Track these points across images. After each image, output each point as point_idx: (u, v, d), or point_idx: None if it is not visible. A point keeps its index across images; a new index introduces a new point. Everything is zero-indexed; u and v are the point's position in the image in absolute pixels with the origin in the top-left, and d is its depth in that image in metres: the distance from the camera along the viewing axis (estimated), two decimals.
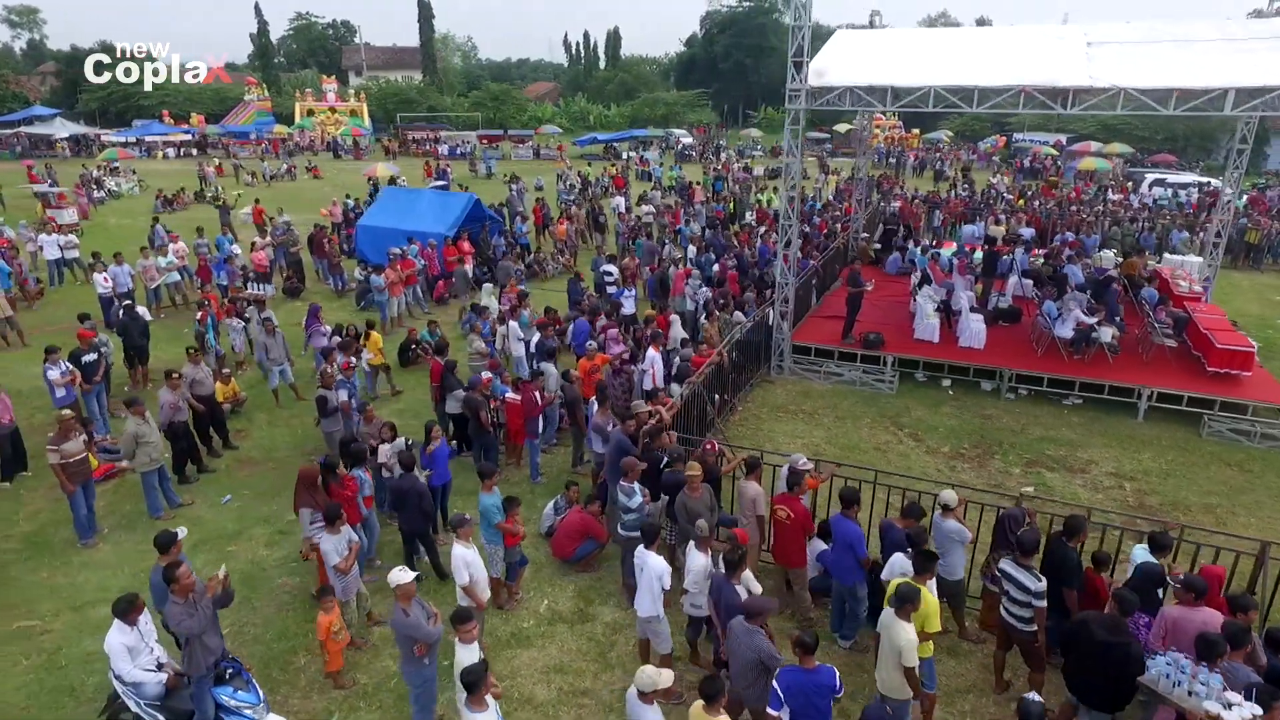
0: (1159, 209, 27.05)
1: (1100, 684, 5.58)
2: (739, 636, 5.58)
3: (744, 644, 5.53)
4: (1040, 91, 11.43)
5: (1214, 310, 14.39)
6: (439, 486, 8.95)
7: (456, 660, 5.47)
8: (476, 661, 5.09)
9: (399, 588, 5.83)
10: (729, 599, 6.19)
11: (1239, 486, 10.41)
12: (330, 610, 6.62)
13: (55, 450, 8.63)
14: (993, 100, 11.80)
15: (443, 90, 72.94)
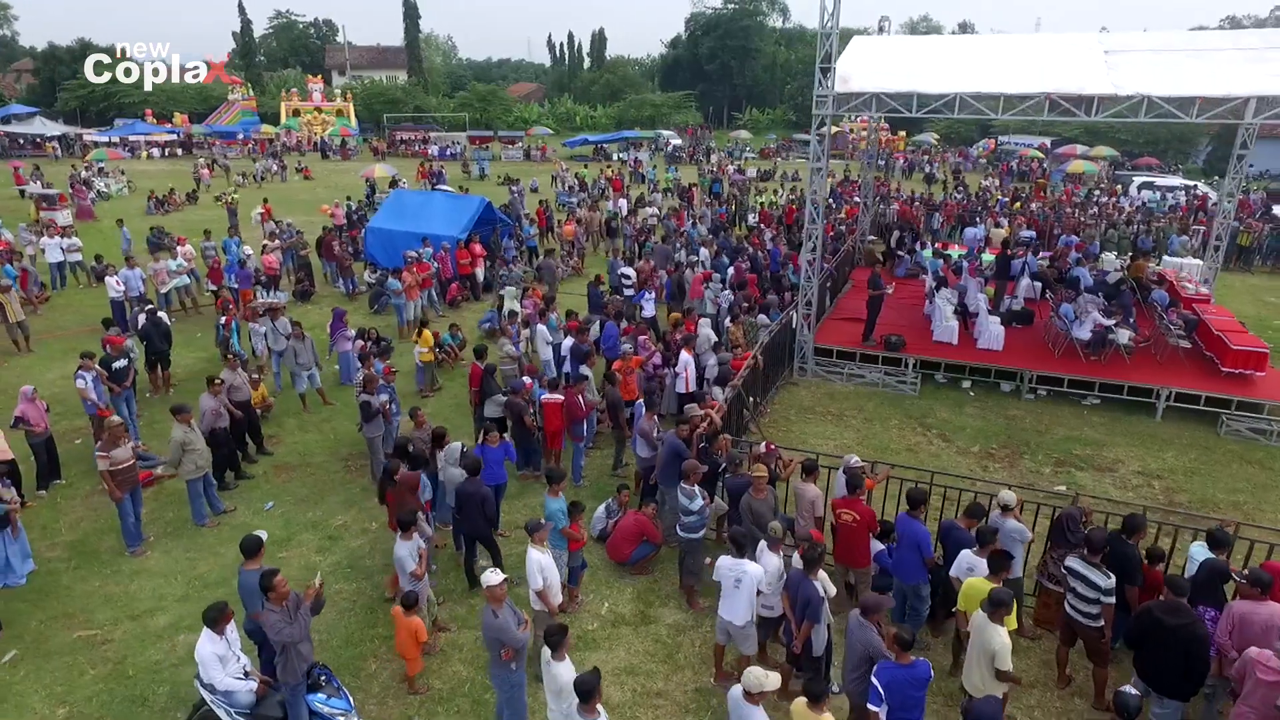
0: (1150, 212, 27.62)
1: (1174, 669, 5.77)
2: (853, 631, 5.71)
3: (856, 637, 5.66)
4: (1065, 98, 11.69)
5: (1223, 312, 14.79)
6: (493, 487, 8.97)
7: (553, 674, 5.47)
8: (590, 671, 5.14)
9: (490, 589, 5.87)
10: (806, 594, 6.30)
11: (1262, 483, 10.73)
12: (414, 614, 6.64)
13: (105, 457, 8.55)
14: (1019, 107, 12.06)
15: (428, 90, 72.48)
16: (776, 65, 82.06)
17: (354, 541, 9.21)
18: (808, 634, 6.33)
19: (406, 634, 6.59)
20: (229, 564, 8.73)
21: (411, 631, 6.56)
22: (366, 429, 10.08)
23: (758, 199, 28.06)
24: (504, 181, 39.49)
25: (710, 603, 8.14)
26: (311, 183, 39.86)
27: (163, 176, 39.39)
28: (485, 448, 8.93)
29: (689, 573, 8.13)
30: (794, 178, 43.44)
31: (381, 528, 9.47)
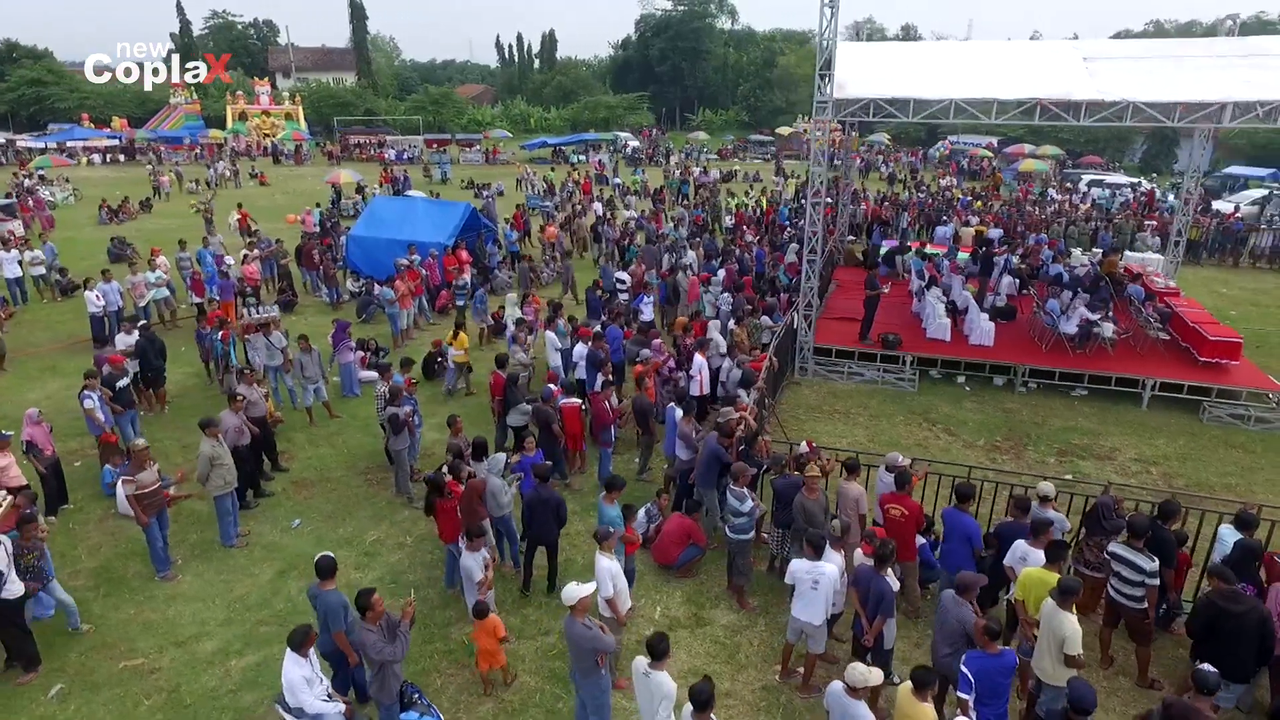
0: (1106, 209, 28.85)
1: (1245, 653, 6.13)
2: (948, 608, 5.95)
3: (952, 614, 5.90)
4: (1056, 104, 12.21)
5: (1193, 304, 15.61)
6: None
7: (655, 683, 5.53)
8: (704, 679, 5.23)
9: (579, 601, 5.91)
10: (880, 589, 6.51)
11: (1248, 466, 11.39)
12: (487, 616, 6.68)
13: (131, 481, 8.29)
14: (1011, 112, 12.55)
15: (379, 93, 71.17)
16: (727, 67, 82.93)
17: (391, 556, 9.11)
18: (880, 628, 6.54)
19: (487, 635, 6.60)
20: (265, 585, 8.59)
21: (490, 630, 6.61)
22: (393, 441, 9.96)
23: (730, 200, 28.38)
24: (468, 185, 39.28)
25: (759, 602, 8.36)
26: (268, 189, 38.81)
27: (109, 184, 37.93)
28: (524, 457, 8.95)
29: (739, 573, 8.28)
30: (755, 178, 44.00)
31: (417, 541, 9.41)
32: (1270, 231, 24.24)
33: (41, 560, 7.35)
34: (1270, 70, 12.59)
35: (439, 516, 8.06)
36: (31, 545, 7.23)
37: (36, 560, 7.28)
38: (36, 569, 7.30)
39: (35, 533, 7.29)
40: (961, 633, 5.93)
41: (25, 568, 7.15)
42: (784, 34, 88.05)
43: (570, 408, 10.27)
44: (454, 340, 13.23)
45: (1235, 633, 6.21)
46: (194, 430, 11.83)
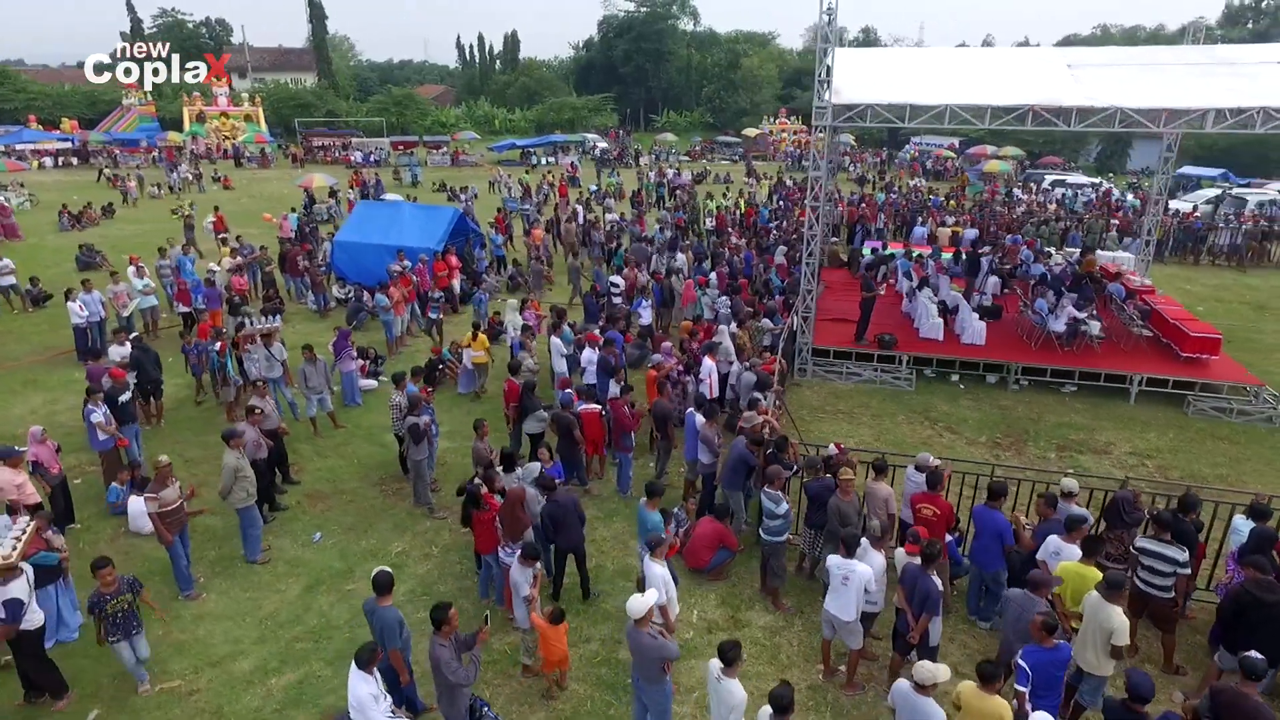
0: (1073, 209, 29.75)
1: (1270, 641, 6.42)
2: (1020, 604, 6.17)
3: (1025, 609, 6.11)
4: (1048, 110, 12.59)
5: (1171, 302, 16.22)
6: None
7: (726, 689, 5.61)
8: (782, 684, 5.31)
9: (649, 611, 5.96)
10: (926, 588, 6.67)
11: (1236, 457, 11.90)
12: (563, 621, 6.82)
13: (154, 499, 8.09)
14: (1004, 118, 12.88)
15: (340, 94, 69.96)
16: (690, 68, 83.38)
17: (419, 568, 9.03)
18: (926, 625, 6.71)
19: (557, 638, 6.68)
20: (294, 601, 8.45)
21: (562, 634, 6.73)
22: (413, 451, 9.86)
23: (709, 203, 28.55)
24: (440, 188, 38.89)
25: (793, 603, 8.49)
26: (233, 193, 37.86)
27: (65, 189, 36.69)
28: (545, 468, 8.94)
29: (774, 575, 8.39)
30: (727, 180, 44.36)
31: (443, 552, 9.35)
32: (1228, 230, 25.23)
33: (130, 609, 6.77)
34: (1245, 78, 13.16)
35: (476, 528, 8.02)
36: (115, 591, 6.65)
37: (125, 608, 6.71)
38: (124, 618, 6.71)
39: (110, 578, 6.64)
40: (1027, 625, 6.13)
41: (111, 616, 6.62)
42: (744, 35, 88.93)
43: (590, 414, 10.29)
44: (473, 341, 13.41)
45: (1264, 621, 6.51)
46: (193, 444, 11.81)
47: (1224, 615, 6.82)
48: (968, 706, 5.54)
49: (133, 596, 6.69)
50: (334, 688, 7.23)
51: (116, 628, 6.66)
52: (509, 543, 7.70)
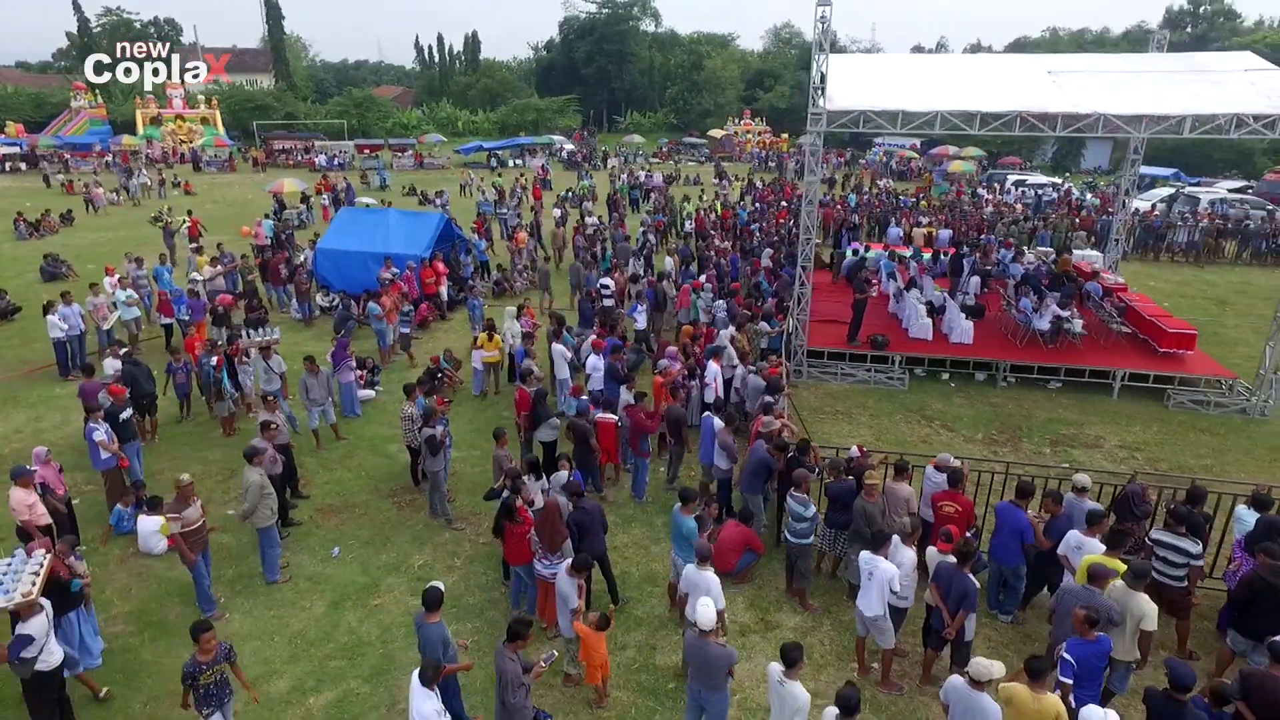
0: (1041, 209, 30.60)
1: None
2: (1078, 597, 6.44)
3: (1080, 599, 6.40)
4: (1035, 116, 13.00)
5: (1145, 299, 16.85)
6: None
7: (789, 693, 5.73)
8: (848, 685, 5.44)
9: (719, 621, 6.06)
10: (963, 586, 6.88)
11: (1217, 447, 12.43)
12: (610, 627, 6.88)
13: (177, 518, 7.91)
14: (992, 124, 13.25)
15: (299, 95, 68.64)
16: (653, 69, 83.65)
17: (446, 579, 8.91)
18: (963, 621, 6.92)
19: (600, 644, 6.76)
20: (321, 618, 8.35)
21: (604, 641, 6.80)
22: (430, 463, 9.80)
23: (686, 205, 28.74)
24: (410, 192, 38.41)
25: (819, 602, 8.66)
26: (196, 198, 36.88)
27: (15, 196, 35.43)
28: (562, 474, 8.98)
29: (800, 576, 8.55)
30: (696, 181, 44.65)
31: (467, 563, 9.33)
32: (1186, 228, 26.25)
33: (223, 678, 6.22)
34: (1215, 85, 13.74)
35: (508, 540, 8.00)
36: (213, 660, 6.06)
37: (219, 677, 6.15)
38: (218, 688, 6.14)
39: (210, 644, 6.05)
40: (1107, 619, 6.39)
41: (205, 686, 6.04)
42: (705, 37, 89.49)
43: (606, 422, 10.33)
44: (488, 341, 13.65)
45: (1276, 604, 6.86)
46: (190, 459, 11.62)
47: (1237, 600, 7.17)
48: (1021, 706, 5.68)
49: (228, 666, 6.24)
50: (374, 705, 7.18)
51: (210, 699, 6.08)
52: (546, 555, 7.72)
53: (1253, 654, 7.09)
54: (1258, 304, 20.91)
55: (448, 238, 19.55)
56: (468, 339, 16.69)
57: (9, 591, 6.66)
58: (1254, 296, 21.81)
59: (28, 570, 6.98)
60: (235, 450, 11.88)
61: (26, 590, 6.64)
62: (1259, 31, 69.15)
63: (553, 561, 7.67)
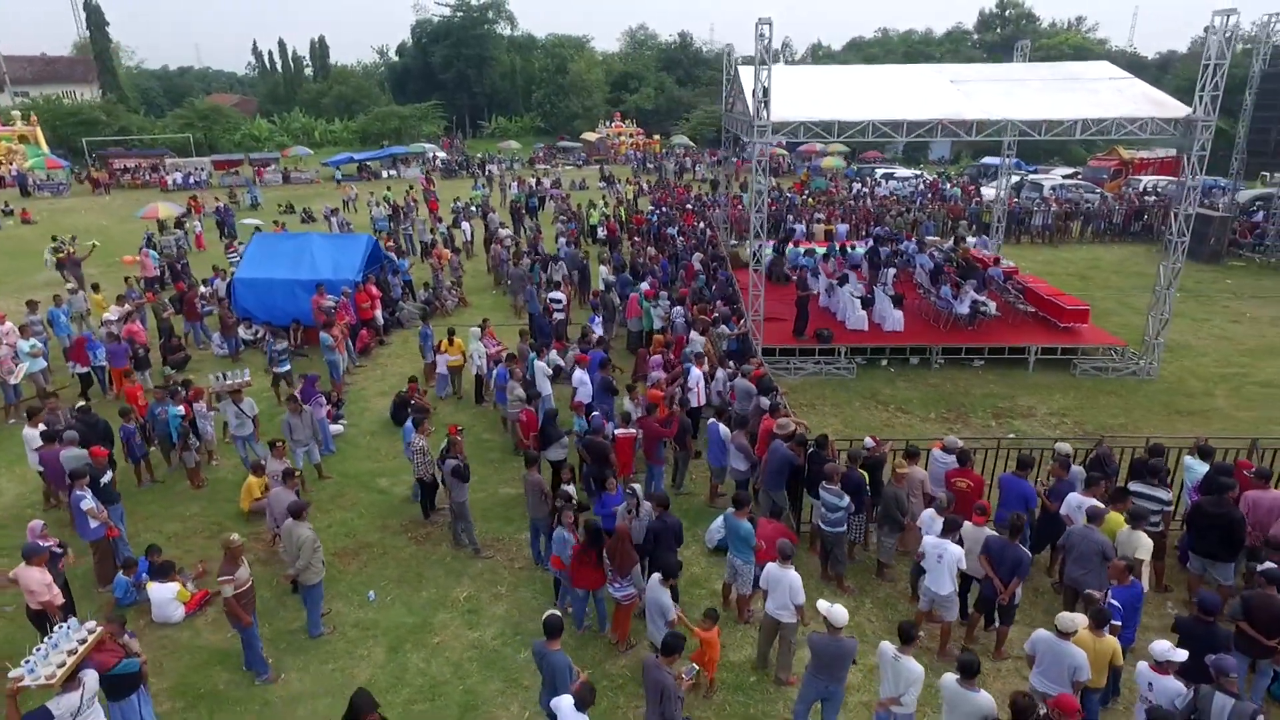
0: (918, 201, 33.20)
1: (1222, 543, 8.16)
2: (1083, 535, 7.66)
3: (1086, 538, 7.52)
4: (955, 124, 14.42)
5: (1039, 281, 18.95)
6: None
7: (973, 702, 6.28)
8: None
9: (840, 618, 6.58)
10: (1017, 556, 7.74)
11: (1124, 407, 14.32)
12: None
13: (229, 580, 7.49)
14: (918, 130, 14.56)
15: (131, 107, 62.75)
16: (516, 73, 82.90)
17: (496, 609, 8.96)
18: (1016, 588, 7.81)
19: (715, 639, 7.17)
20: (386, 664, 8.18)
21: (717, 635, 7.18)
22: (457, 493, 9.68)
23: (592, 210, 29.01)
24: (286, 210, 36.35)
25: (853, 583, 9.38)
26: (37, 227, 33.20)
27: None
28: (607, 495, 9.23)
29: (836, 562, 9.24)
30: (581, 186, 44.97)
31: (512, 590, 9.36)
32: (1040, 213, 29.47)
33: None
34: (1093, 93, 15.80)
35: (580, 566, 8.12)
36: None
37: None
38: None
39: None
40: (1095, 555, 7.41)
41: None
42: (560, 39, 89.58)
43: (626, 437, 10.59)
44: (449, 347, 14.40)
45: (1213, 527, 8.28)
46: (168, 518, 10.94)
47: (1190, 525, 8.62)
48: (1086, 647, 6.59)
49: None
50: None
51: None
52: (617, 578, 7.95)
53: (1209, 570, 8.47)
54: (1111, 277, 23.97)
55: (375, 259, 18.90)
56: (413, 363, 16.39)
57: (34, 670, 6.30)
58: (1106, 270, 24.92)
59: (64, 648, 6.54)
60: (211, 503, 11.34)
61: (50, 674, 6.26)
62: (1062, 35, 77.30)
63: (624, 584, 7.92)
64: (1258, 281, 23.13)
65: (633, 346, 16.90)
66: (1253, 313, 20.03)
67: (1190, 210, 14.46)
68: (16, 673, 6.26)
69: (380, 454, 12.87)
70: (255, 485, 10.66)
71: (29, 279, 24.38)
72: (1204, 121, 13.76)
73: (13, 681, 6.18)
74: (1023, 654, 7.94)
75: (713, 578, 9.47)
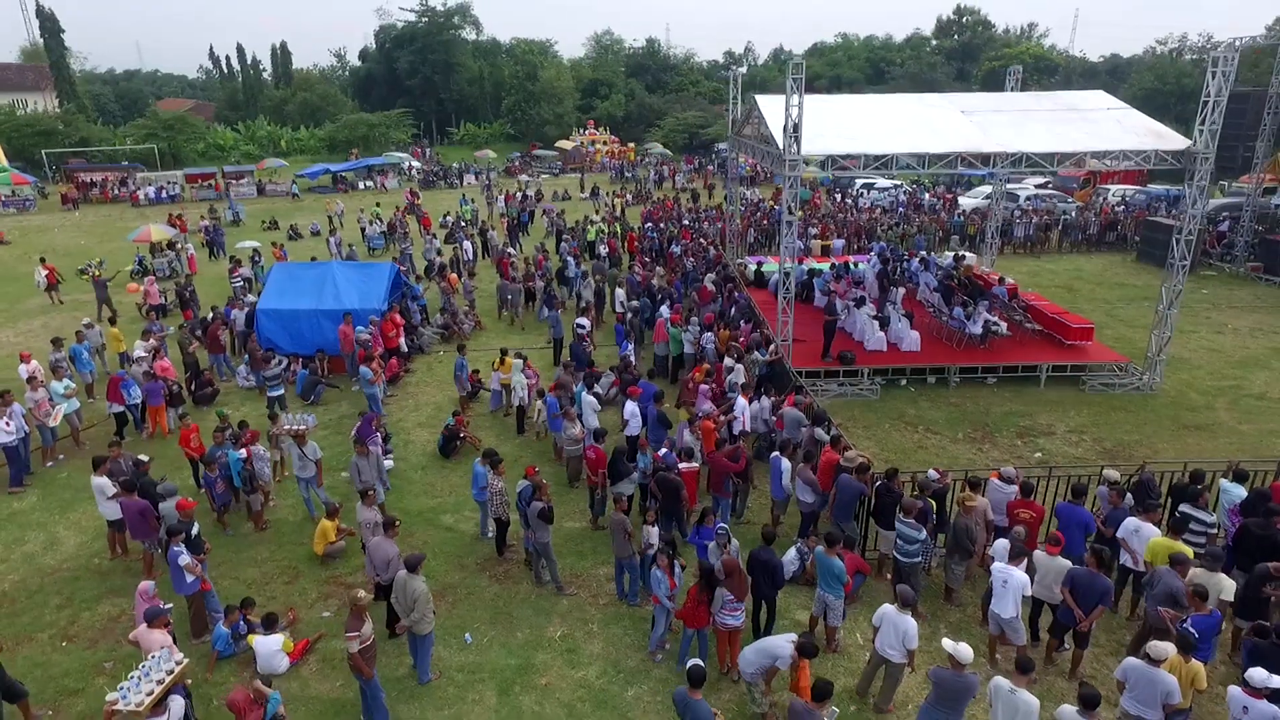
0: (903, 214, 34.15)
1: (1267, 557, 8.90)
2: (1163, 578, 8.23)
3: (1165, 583, 8.10)
4: (974, 156, 15.12)
5: (1040, 298, 19.83)
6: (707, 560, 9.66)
7: None
8: (1085, 685, 6.64)
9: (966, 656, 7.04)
10: (1104, 586, 8.34)
11: (1139, 423, 15.15)
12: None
13: (355, 637, 7.69)
14: (939, 163, 15.22)
15: (90, 117, 60.91)
16: (483, 79, 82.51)
17: (593, 647, 9.27)
18: (1100, 616, 8.41)
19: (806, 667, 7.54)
20: (498, 708, 8.45)
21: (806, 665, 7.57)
22: (542, 534, 9.94)
23: (590, 228, 29.24)
24: (270, 225, 35.91)
25: (926, 609, 9.91)
26: (12, 248, 32.27)
27: None
28: (703, 528, 9.64)
29: (913, 590, 9.75)
30: (564, 196, 45.11)
31: (603, 627, 9.66)
32: (1022, 223, 30.62)
33: None
34: (1094, 123, 16.63)
35: (693, 605, 8.47)
36: None
37: None
38: None
39: None
40: (1169, 595, 8.01)
41: None
42: (526, 44, 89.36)
43: (691, 471, 10.99)
44: (500, 366, 15.14)
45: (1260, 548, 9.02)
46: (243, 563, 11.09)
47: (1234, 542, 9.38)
48: (1174, 672, 7.20)
49: None
50: None
51: None
52: (734, 606, 8.36)
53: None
54: (1096, 289, 25.09)
55: (397, 286, 18.96)
56: (442, 390, 16.58)
57: (126, 696, 7.02)
58: (1089, 282, 26.07)
59: (155, 676, 7.24)
60: (280, 546, 11.45)
61: (139, 701, 7.02)
62: (1023, 45, 79.45)
63: (739, 612, 8.34)
64: (1231, 292, 24.44)
65: (659, 371, 17.26)
66: (1232, 323, 21.23)
67: (1190, 236, 15.39)
68: (112, 697, 7.04)
69: (436, 489, 13.04)
70: (329, 529, 10.80)
71: (21, 304, 23.86)
72: (1204, 154, 14.68)
73: (109, 704, 6.99)
74: (1093, 676, 8.66)
75: (792, 607, 9.90)
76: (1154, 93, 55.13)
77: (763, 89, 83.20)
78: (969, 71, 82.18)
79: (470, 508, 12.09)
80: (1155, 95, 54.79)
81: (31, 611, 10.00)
